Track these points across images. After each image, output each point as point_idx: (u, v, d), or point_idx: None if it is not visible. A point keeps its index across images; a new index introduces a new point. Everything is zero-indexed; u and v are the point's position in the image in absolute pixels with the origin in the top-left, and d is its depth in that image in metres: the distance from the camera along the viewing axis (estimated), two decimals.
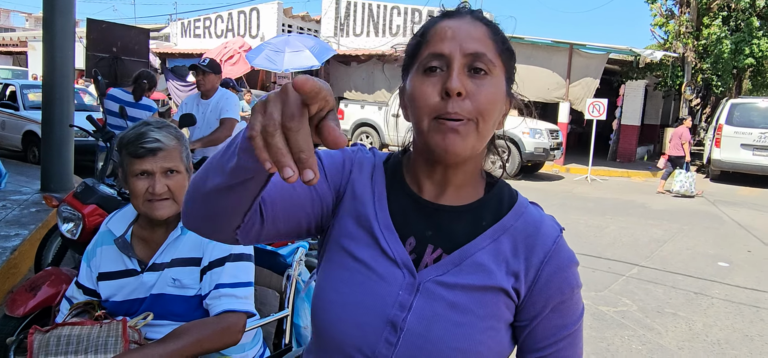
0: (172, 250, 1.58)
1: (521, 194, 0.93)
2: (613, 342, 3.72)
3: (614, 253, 5.97)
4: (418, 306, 0.84)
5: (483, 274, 0.85)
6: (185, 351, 1.41)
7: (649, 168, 13.81)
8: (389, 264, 0.87)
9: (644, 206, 8.98)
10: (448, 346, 0.81)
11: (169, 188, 1.52)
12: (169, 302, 1.57)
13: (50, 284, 2.69)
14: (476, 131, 0.81)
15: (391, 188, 0.92)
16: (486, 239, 0.87)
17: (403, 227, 0.89)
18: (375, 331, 0.84)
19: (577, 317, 0.89)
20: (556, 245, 0.87)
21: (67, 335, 1.43)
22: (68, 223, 2.77)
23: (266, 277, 2.01)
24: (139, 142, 1.49)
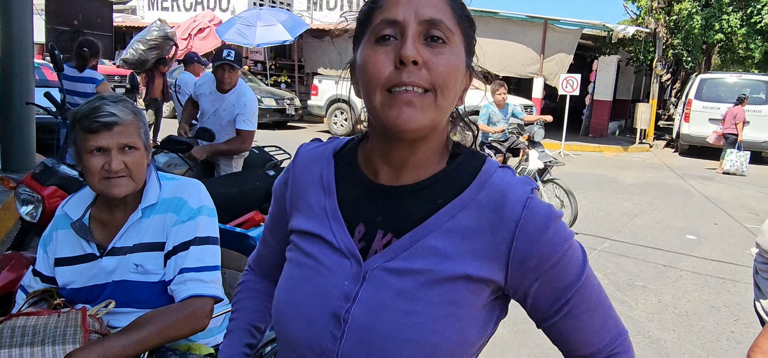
0: (133, 233, 1.51)
1: (491, 159, 0.85)
2: None
3: (587, 227, 6.05)
4: (363, 296, 0.78)
5: (436, 257, 0.77)
6: (149, 341, 1.34)
7: (621, 143, 14.03)
8: (336, 255, 0.82)
9: (616, 181, 9.13)
10: (398, 337, 0.75)
11: (126, 164, 1.43)
12: (131, 288, 1.50)
13: (10, 269, 2.58)
14: (434, 104, 0.75)
15: (341, 178, 0.87)
16: (441, 217, 0.79)
17: (353, 215, 0.84)
18: (321, 326, 0.80)
19: (578, 270, 0.80)
20: (526, 210, 0.78)
21: (22, 326, 1.36)
22: (27, 205, 2.65)
23: (236, 259, 1.96)
24: (93, 117, 1.39)
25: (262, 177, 3.38)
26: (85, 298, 1.51)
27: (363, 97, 0.80)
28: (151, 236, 1.51)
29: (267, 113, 13.00)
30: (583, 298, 0.81)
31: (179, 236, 1.50)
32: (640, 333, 3.57)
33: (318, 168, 0.89)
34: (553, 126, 10.70)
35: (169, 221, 1.51)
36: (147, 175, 1.54)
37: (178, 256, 1.49)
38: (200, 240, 1.50)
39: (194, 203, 1.54)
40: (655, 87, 15.25)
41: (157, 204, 1.52)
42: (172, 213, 1.51)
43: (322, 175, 0.88)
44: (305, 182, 0.90)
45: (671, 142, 14.65)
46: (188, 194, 1.55)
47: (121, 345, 1.31)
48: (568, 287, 0.80)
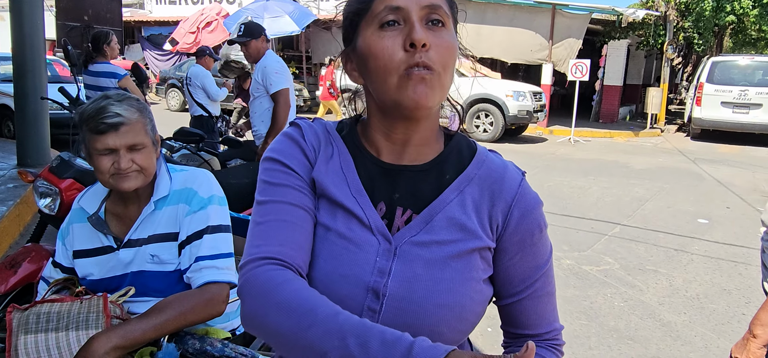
0: (148, 225, 1.55)
1: (478, 144, 0.96)
2: (595, 300, 3.79)
3: (597, 213, 6.04)
4: (397, 270, 0.83)
5: (455, 228, 0.86)
6: (169, 324, 1.39)
7: (631, 128, 13.93)
8: (364, 231, 0.85)
9: (627, 166, 9.08)
10: (431, 302, 0.82)
11: (135, 162, 1.47)
12: (148, 278, 1.54)
13: (31, 261, 2.64)
14: (440, 83, 0.82)
15: (355, 156, 0.90)
16: (452, 192, 0.87)
17: (372, 193, 0.87)
18: (357, 301, 0.82)
19: (548, 255, 0.92)
20: (521, 188, 0.89)
21: (47, 312, 1.41)
22: (45, 198, 2.71)
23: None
24: (99, 118, 1.42)
25: None
26: (105, 288, 1.56)
27: (370, 81, 0.84)
28: (164, 227, 1.55)
29: None
30: (546, 282, 0.92)
31: (192, 226, 1.53)
32: (650, 316, 3.58)
33: (328, 145, 0.91)
34: (563, 112, 10.66)
35: (181, 212, 1.55)
36: (157, 168, 1.57)
37: (193, 245, 1.52)
38: (213, 228, 1.54)
39: (205, 192, 1.57)
40: (666, 71, 15.09)
41: (168, 196, 1.56)
42: (183, 204, 1.55)
43: (335, 153, 0.90)
44: (321, 153, 0.90)
45: (683, 127, 14.51)
46: (198, 185, 1.58)
47: (141, 329, 1.35)
48: (538, 267, 0.91)
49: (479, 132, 11.26)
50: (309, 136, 0.91)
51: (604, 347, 3.16)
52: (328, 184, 0.87)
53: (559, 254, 4.67)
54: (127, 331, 1.33)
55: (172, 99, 14.12)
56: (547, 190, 6.93)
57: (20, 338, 1.37)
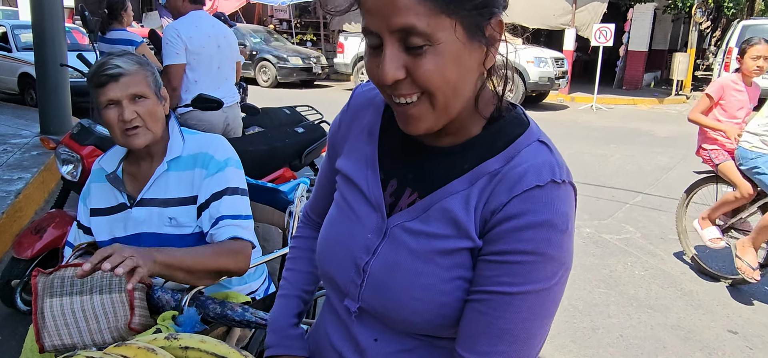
0: (161, 186, 1.57)
1: (535, 130, 0.79)
2: (615, 269, 3.76)
3: (618, 181, 5.96)
4: (382, 252, 0.81)
5: (449, 223, 0.76)
6: (204, 259, 1.43)
7: (656, 95, 13.61)
8: (366, 205, 0.84)
9: (650, 134, 8.90)
10: (408, 295, 0.78)
11: (139, 114, 1.50)
12: (166, 240, 1.56)
13: (55, 226, 2.70)
14: (431, 108, 0.71)
15: (387, 128, 0.87)
16: (461, 183, 0.77)
17: (389, 168, 0.85)
18: (347, 270, 0.84)
19: (526, 284, 0.71)
20: (529, 193, 0.71)
21: (71, 276, 1.43)
22: (67, 165, 2.74)
23: (269, 214, 2.00)
24: (100, 72, 1.47)
25: (290, 134, 3.42)
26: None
27: None
28: (182, 191, 1.57)
29: (294, 72, 13.00)
30: (507, 308, 0.73)
31: (211, 188, 1.56)
32: (671, 285, 3.54)
33: (369, 113, 0.90)
34: (586, 79, 10.46)
35: (198, 176, 1.57)
36: (170, 129, 1.61)
37: (212, 206, 1.55)
38: (232, 190, 1.57)
39: (221, 156, 1.59)
40: (694, 35, 14.63)
41: (181, 158, 1.58)
42: (200, 168, 1.57)
43: (370, 122, 0.89)
44: (356, 124, 0.91)
45: None
46: (214, 149, 1.60)
47: (179, 255, 1.40)
48: (501, 283, 0.73)
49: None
50: (354, 102, 0.93)
51: (623, 316, 3.15)
52: (346, 154, 0.90)
53: (578, 223, 4.63)
54: (166, 251, 1.37)
55: None
56: (568, 158, 6.81)
57: (46, 301, 1.40)
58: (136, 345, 0.70)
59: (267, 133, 3.58)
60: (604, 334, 2.95)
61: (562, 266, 0.72)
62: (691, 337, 2.94)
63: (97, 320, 1.40)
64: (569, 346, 2.82)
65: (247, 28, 14.27)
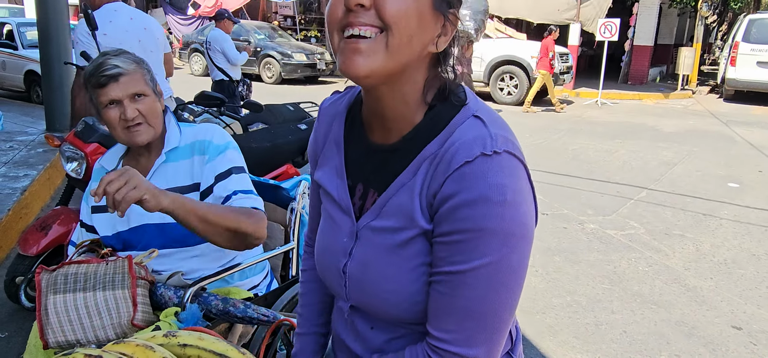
0: (161, 177, 1.59)
1: (472, 106, 0.79)
2: (619, 265, 3.75)
3: (623, 177, 5.93)
4: (356, 252, 0.85)
5: (402, 214, 0.79)
6: (224, 213, 1.45)
7: (661, 90, 13.54)
8: (340, 211, 0.89)
9: (655, 129, 8.86)
10: (381, 288, 0.82)
11: (140, 111, 1.52)
12: (169, 230, 1.58)
13: (61, 223, 2.72)
14: (385, 47, 0.71)
15: (349, 135, 0.90)
16: (407, 174, 0.79)
17: (356, 173, 0.88)
18: (334, 275, 0.90)
19: (474, 260, 0.72)
20: (461, 171, 0.72)
21: (74, 273, 1.44)
22: (72, 162, 2.76)
23: (271, 211, 2.01)
24: (99, 72, 1.48)
25: (294, 131, 3.42)
26: (127, 242, 1.60)
27: None
28: (181, 180, 1.59)
29: (298, 68, 13.00)
30: (456, 290, 0.75)
31: (216, 169, 1.58)
32: (675, 281, 3.53)
33: (335, 125, 0.93)
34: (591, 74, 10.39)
35: (198, 163, 1.59)
36: (166, 122, 1.63)
37: (220, 186, 1.57)
38: (238, 169, 1.60)
39: (219, 140, 1.62)
40: (700, 30, 14.53)
41: (179, 148, 1.61)
42: (198, 155, 1.60)
43: (335, 132, 0.92)
44: (325, 138, 0.95)
45: (716, 88, 14.04)
46: (211, 135, 1.63)
47: (206, 205, 1.42)
48: (452, 262, 0.74)
49: (503, 95, 11.08)
50: (322, 116, 0.97)
51: (626, 311, 3.14)
52: (320, 166, 0.94)
53: (582, 218, 4.62)
54: (179, 197, 1.37)
55: (195, 63, 14.19)
56: (572, 153, 6.81)
57: (49, 297, 1.41)
58: (134, 343, 0.71)
59: (270, 129, 3.59)
60: (607, 330, 2.94)
61: (510, 237, 0.71)
62: (694, 333, 2.94)
63: (101, 317, 1.41)
64: (572, 342, 2.82)
65: (252, 24, 14.28)
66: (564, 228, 4.41)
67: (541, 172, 5.96)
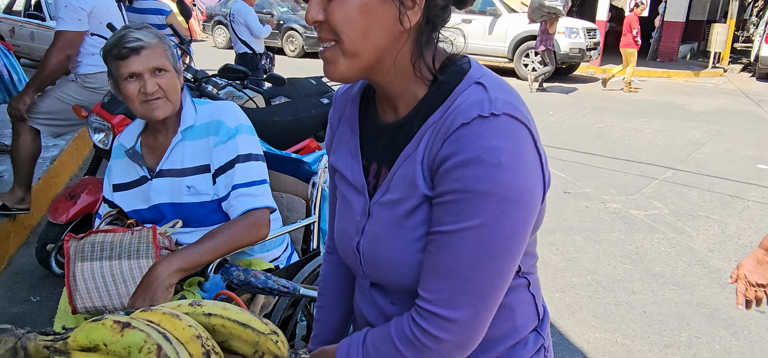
0: (177, 156, 1.60)
1: (475, 73, 0.78)
2: (641, 245, 3.71)
3: (648, 156, 5.83)
4: (368, 230, 0.86)
5: (407, 185, 0.80)
6: (220, 248, 1.47)
7: (692, 67, 13.18)
8: (354, 192, 0.90)
9: (683, 108, 8.65)
10: (391, 261, 0.83)
11: (160, 86, 1.52)
12: (187, 209, 1.60)
13: (88, 192, 2.79)
14: (342, 54, 0.75)
15: (364, 118, 0.92)
16: (411, 146, 0.80)
17: (370, 153, 0.89)
18: (350, 254, 0.91)
19: (463, 222, 0.72)
20: (457, 133, 0.72)
21: (101, 241, 1.49)
22: (99, 133, 2.81)
23: (292, 184, 2.03)
24: (121, 44, 1.48)
25: (316, 105, 3.43)
26: (146, 219, 1.64)
27: None
28: (196, 160, 1.60)
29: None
30: (447, 246, 0.75)
31: (223, 156, 1.58)
32: (698, 263, 3.48)
33: (348, 108, 0.95)
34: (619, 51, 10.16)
35: (210, 144, 1.59)
36: (182, 100, 1.63)
37: (226, 175, 1.58)
38: (243, 157, 1.58)
39: (231, 123, 1.61)
40: (734, 5, 14.05)
41: (195, 127, 1.61)
42: (212, 136, 1.60)
43: (350, 115, 0.94)
44: (340, 123, 0.96)
45: (748, 66, 13.61)
46: (225, 116, 1.62)
47: (198, 253, 1.44)
48: (442, 223, 0.75)
49: (528, 71, 10.91)
50: (336, 103, 0.98)
51: (647, 292, 3.12)
52: (335, 152, 0.96)
53: (605, 198, 4.57)
54: (186, 255, 1.42)
55: (218, 36, 14.24)
56: (596, 131, 6.70)
57: (77, 264, 1.46)
58: (161, 311, 0.73)
59: (293, 103, 3.60)
60: (626, 310, 2.93)
61: (503, 201, 0.70)
62: (716, 315, 2.90)
63: (126, 285, 1.46)
64: (591, 321, 2.81)
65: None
66: (586, 207, 4.37)
67: (564, 150, 5.89)
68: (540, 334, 0.94)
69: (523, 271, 0.88)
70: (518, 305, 0.89)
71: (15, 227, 3.28)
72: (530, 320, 0.92)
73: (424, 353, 0.78)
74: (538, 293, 0.93)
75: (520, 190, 0.71)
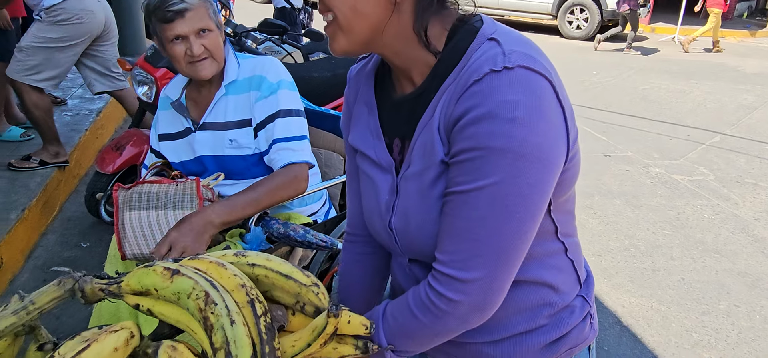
0: (220, 110, 1.64)
1: (488, 30, 0.75)
2: (683, 211, 3.62)
3: (695, 120, 5.62)
4: (398, 206, 0.85)
5: (426, 155, 0.78)
6: (261, 201, 1.51)
7: (748, 27, 12.49)
8: (379, 170, 0.88)
9: (736, 70, 8.25)
10: (424, 234, 0.81)
11: (206, 47, 1.54)
12: (228, 162, 1.65)
13: (133, 144, 2.88)
14: (340, 29, 0.76)
15: (381, 95, 0.89)
16: (428, 113, 0.78)
17: (391, 129, 0.87)
18: (383, 234, 0.90)
19: (477, 180, 0.70)
20: (470, 90, 0.69)
21: (147, 191, 1.54)
22: (142, 86, 2.88)
23: (331, 141, 2.05)
24: (165, 7, 1.49)
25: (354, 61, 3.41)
26: (189, 171, 1.69)
27: None
28: (239, 114, 1.64)
29: None
30: (462, 206, 0.72)
31: (264, 111, 1.61)
32: (743, 231, 3.38)
33: (363, 86, 0.92)
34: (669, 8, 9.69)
35: (252, 98, 1.62)
36: (226, 54, 1.65)
37: (266, 129, 1.61)
38: (284, 112, 1.61)
39: (273, 78, 1.63)
40: None
41: (237, 81, 1.64)
42: (254, 90, 1.62)
43: (366, 93, 0.91)
44: (356, 102, 0.94)
45: None
46: (266, 71, 1.64)
47: (241, 202, 1.48)
48: (457, 183, 0.73)
49: (572, 29, 10.54)
50: (351, 82, 0.96)
51: (687, 259, 3.05)
52: (353, 131, 0.94)
53: (647, 162, 4.45)
54: (229, 205, 1.47)
55: None
56: (641, 93, 6.47)
57: (126, 213, 1.52)
58: (207, 259, 0.76)
59: (331, 59, 3.60)
60: (664, 276, 2.88)
61: (519, 158, 0.68)
62: (758, 284, 2.83)
63: None
64: (627, 285, 2.78)
65: None
66: (627, 171, 4.27)
67: (606, 112, 5.72)
68: (586, 301, 0.91)
69: (561, 233, 0.84)
70: (556, 272, 0.86)
71: (64, 177, 3.43)
72: (571, 287, 0.90)
73: (441, 317, 0.77)
74: (578, 257, 0.90)
75: (537, 146, 0.68)
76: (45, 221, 3.11)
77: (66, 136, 3.62)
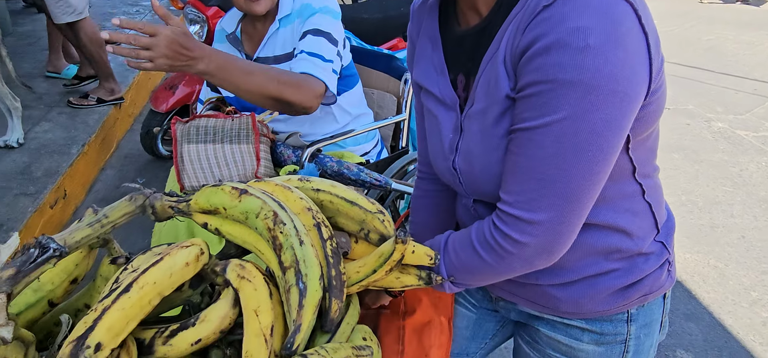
0: (273, 43, 1.64)
1: None
2: (746, 168, 3.44)
3: (764, 73, 5.27)
4: (461, 146, 0.81)
5: (491, 91, 0.73)
6: (266, 82, 1.39)
7: None
8: (443, 108, 0.84)
9: None
10: (488, 174, 0.76)
11: None
12: None
13: (185, 84, 2.93)
14: None
15: (445, 29, 0.84)
16: (493, 47, 0.73)
17: (455, 65, 0.82)
18: (448, 173, 0.86)
19: (545, 116, 0.65)
20: (537, 18, 0.64)
21: (204, 125, 1.56)
22: (194, 24, 2.90)
23: (384, 81, 2.01)
24: None
25: (406, 3, 3.32)
26: (246, 107, 1.69)
27: None
28: (287, 47, 1.63)
29: None
30: (527, 144, 0.68)
31: (301, 31, 1.59)
32: None
33: (426, 21, 0.88)
34: None
35: (297, 28, 1.61)
36: None
37: (298, 44, 1.57)
38: (315, 31, 1.55)
39: (317, 4, 1.60)
40: None
41: (291, 14, 1.62)
42: (298, 19, 1.61)
43: (429, 28, 0.87)
44: (419, 37, 0.90)
45: None
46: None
47: (238, 65, 1.36)
48: (523, 120, 0.68)
49: None
50: (414, 16, 0.92)
51: (748, 216, 2.91)
52: (417, 67, 0.90)
53: (710, 116, 4.22)
54: (226, 58, 1.34)
55: None
56: (706, 44, 6.09)
57: (184, 146, 1.54)
58: (273, 182, 0.76)
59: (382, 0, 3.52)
60: (723, 233, 2.76)
61: (592, 90, 0.61)
62: None
63: (228, 167, 1.54)
64: (683, 241, 2.69)
65: None
66: (687, 125, 4.07)
67: (667, 64, 5.42)
68: (665, 247, 0.86)
69: (639, 174, 0.78)
70: (631, 217, 0.80)
71: (120, 115, 3.53)
72: (647, 232, 0.83)
73: (506, 258, 0.74)
74: (657, 199, 0.84)
75: (612, 77, 0.61)
76: (103, 157, 3.23)
77: (121, 75, 3.71)
